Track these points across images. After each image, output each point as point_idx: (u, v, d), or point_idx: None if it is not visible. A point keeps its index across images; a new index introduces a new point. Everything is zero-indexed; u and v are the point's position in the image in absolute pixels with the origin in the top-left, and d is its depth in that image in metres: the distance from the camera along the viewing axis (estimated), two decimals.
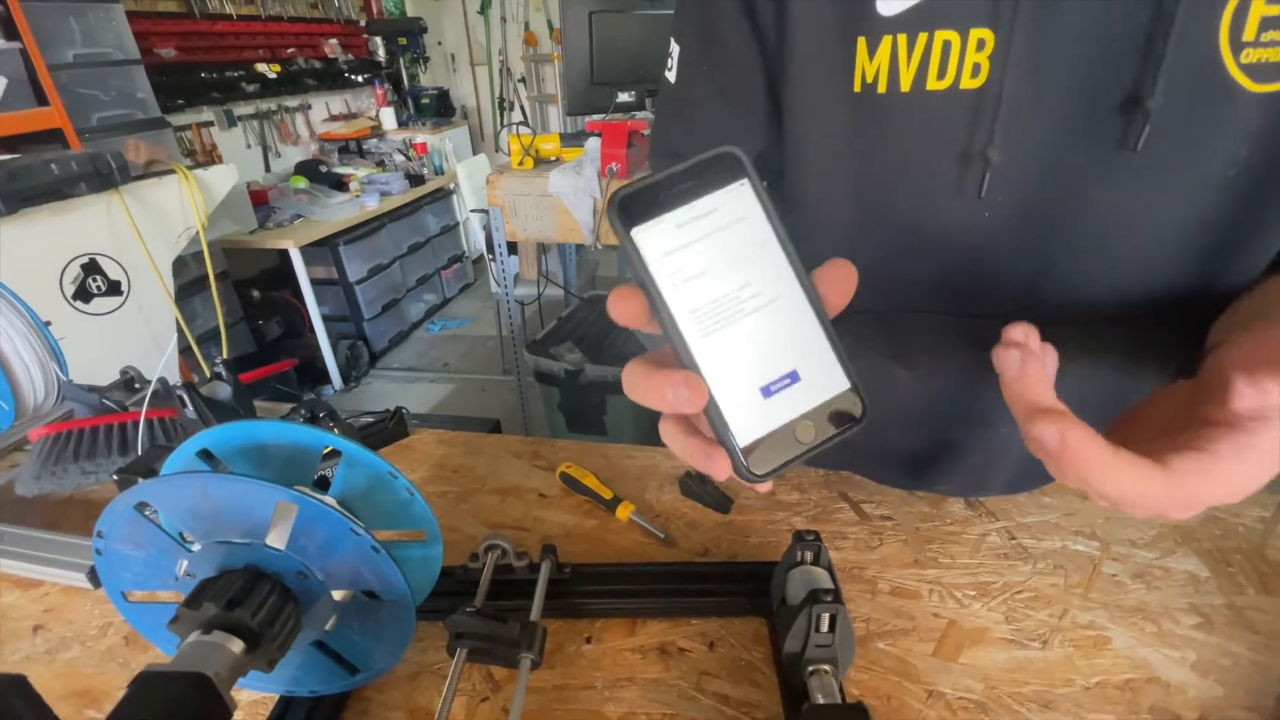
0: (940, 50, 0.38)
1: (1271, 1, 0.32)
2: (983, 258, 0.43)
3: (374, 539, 0.34)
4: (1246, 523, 0.55)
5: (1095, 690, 0.42)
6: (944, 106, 0.39)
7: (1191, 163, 0.37)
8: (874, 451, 0.59)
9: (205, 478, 0.33)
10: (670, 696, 0.42)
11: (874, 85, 0.41)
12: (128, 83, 1.99)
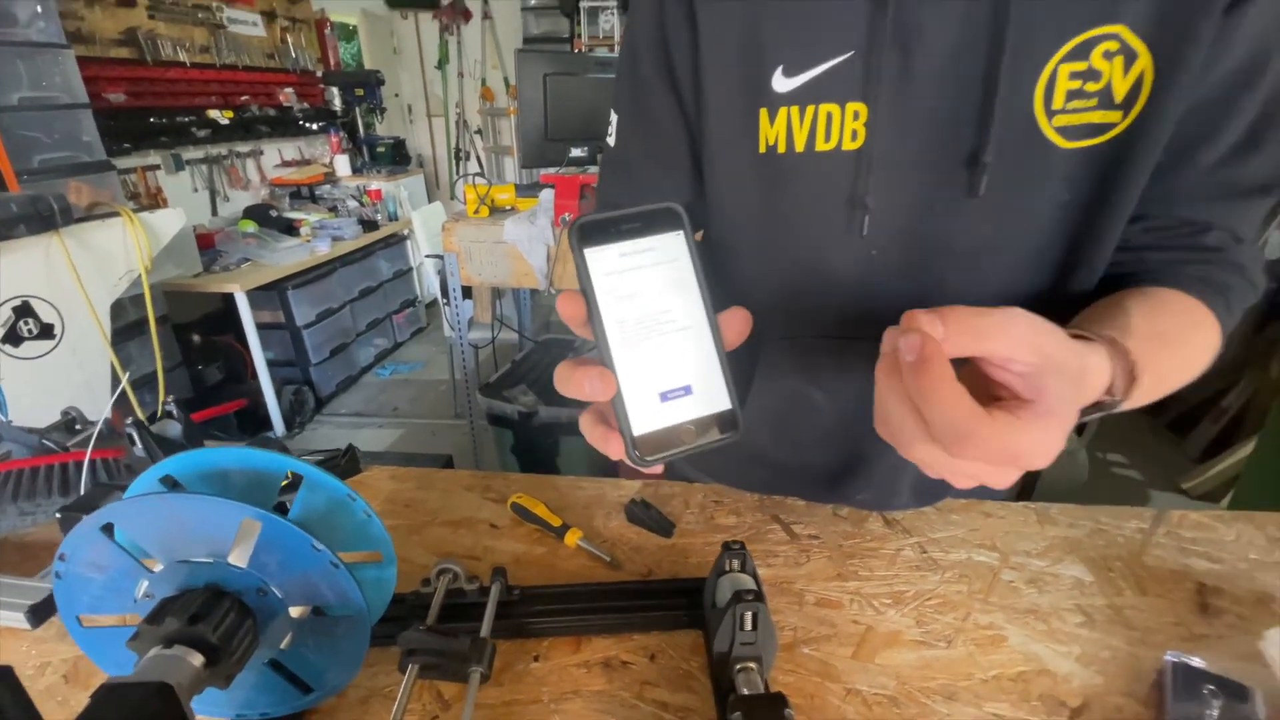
0: (825, 119, 0.47)
1: (1073, 77, 0.42)
2: (873, 288, 0.51)
3: (333, 554, 0.36)
4: (1126, 533, 0.62)
5: (992, 682, 0.47)
6: (831, 164, 0.48)
7: (1024, 205, 0.46)
8: (797, 468, 0.64)
9: (172, 497, 0.35)
10: (613, 706, 0.45)
11: (775, 147, 0.49)
12: (74, 126, 1.97)
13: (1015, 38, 0.42)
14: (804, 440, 0.61)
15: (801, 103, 0.47)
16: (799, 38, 0.47)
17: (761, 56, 0.48)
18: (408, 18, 4.54)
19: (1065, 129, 0.44)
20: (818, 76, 0.46)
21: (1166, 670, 0.46)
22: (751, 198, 0.53)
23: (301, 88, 3.43)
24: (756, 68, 0.48)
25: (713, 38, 0.50)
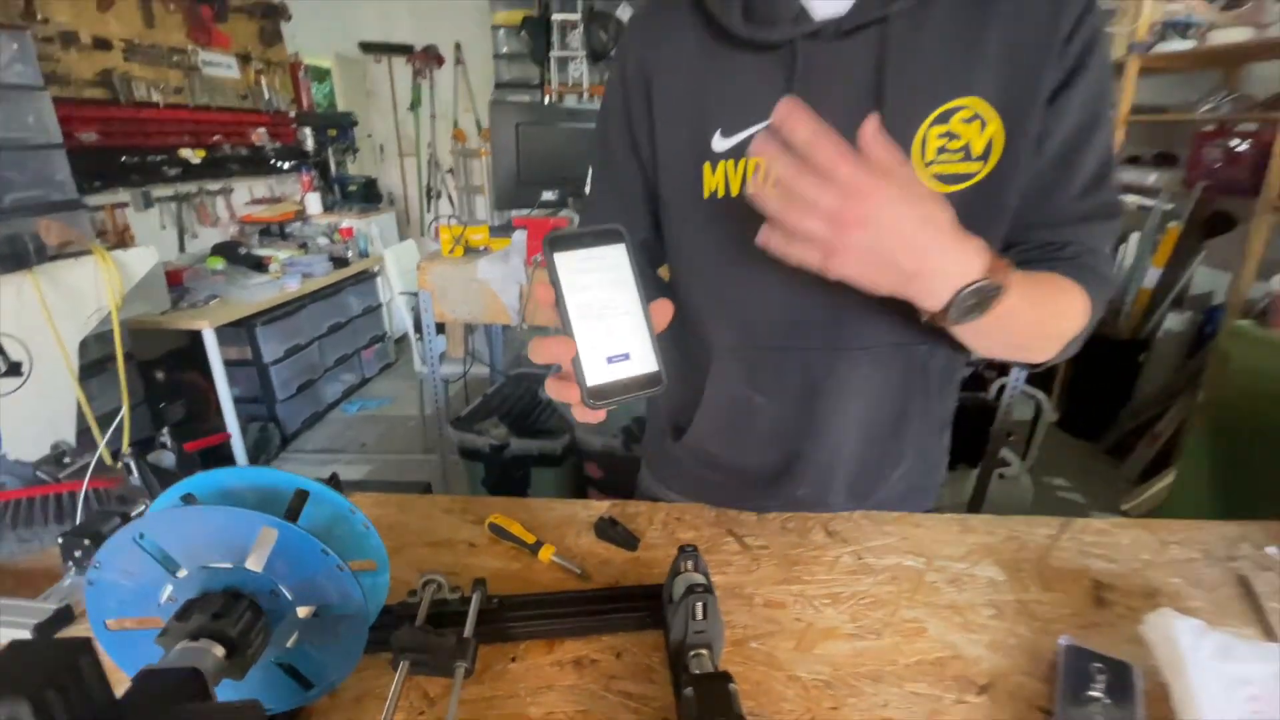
0: (753, 170, 0.58)
1: (940, 136, 0.54)
2: (799, 304, 0.61)
3: (339, 559, 0.42)
4: (1036, 539, 0.71)
5: (914, 666, 0.54)
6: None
7: None
8: (745, 470, 0.73)
9: (198, 509, 0.40)
10: (583, 697, 0.51)
11: (715, 193, 0.61)
12: (46, 165, 1.99)
13: (892, 108, 0.54)
14: (749, 443, 0.70)
15: (735, 158, 0.59)
16: (732, 109, 0.59)
17: (704, 123, 0.60)
18: (381, 61, 4.66)
19: (939, 176, 0.56)
20: (748, 134, 0.59)
21: (1060, 652, 0.53)
22: (699, 235, 0.64)
23: (274, 128, 3.48)
24: (700, 132, 0.60)
25: (665, 109, 0.63)
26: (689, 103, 0.61)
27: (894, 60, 0.55)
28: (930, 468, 0.77)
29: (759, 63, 0.59)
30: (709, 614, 0.47)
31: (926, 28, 0.54)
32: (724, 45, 0.59)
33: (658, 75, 0.63)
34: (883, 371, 0.64)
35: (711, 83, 0.60)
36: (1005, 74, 0.54)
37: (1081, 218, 0.59)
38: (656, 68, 0.63)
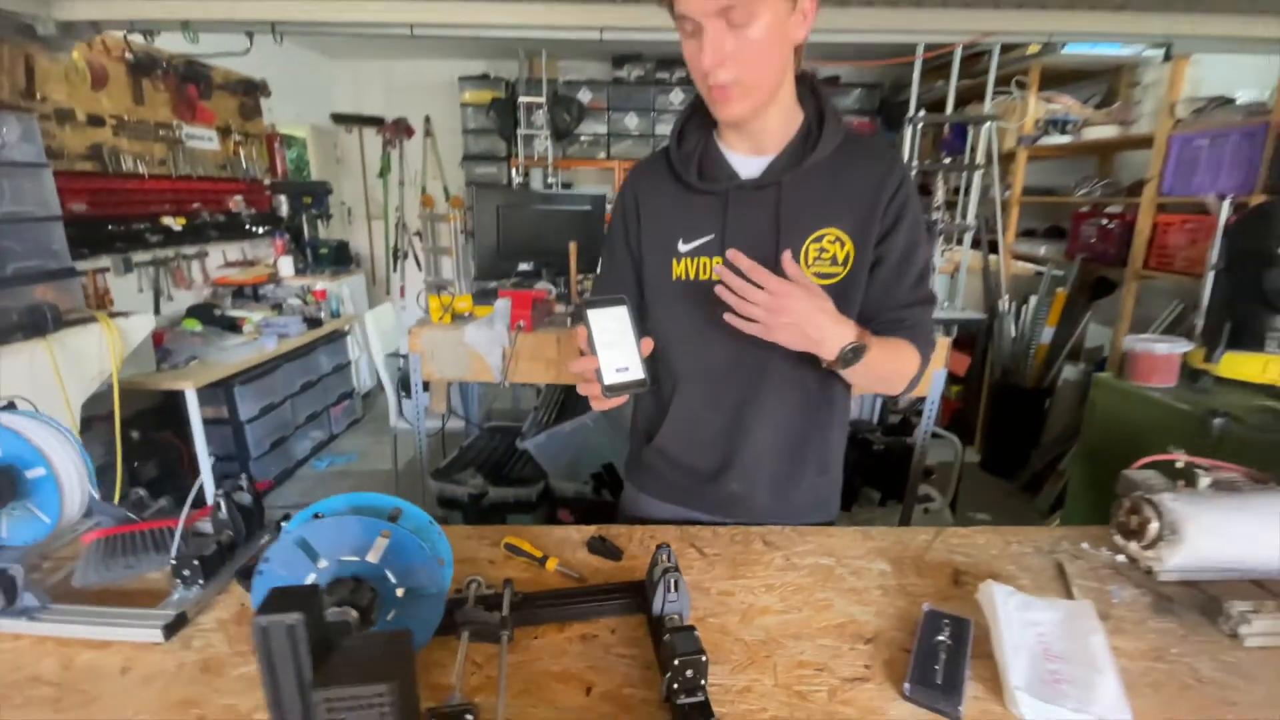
0: (703, 265, 0.90)
1: (816, 250, 0.85)
2: (738, 352, 0.91)
3: (435, 552, 0.62)
4: (917, 543, 0.95)
5: (823, 629, 0.76)
6: (708, 285, 0.85)
7: None
8: (695, 469, 1.00)
9: (339, 519, 0.60)
10: (589, 658, 0.71)
11: (680, 278, 0.91)
12: (45, 236, 2.12)
13: (784, 233, 0.86)
14: (698, 447, 0.99)
15: (692, 256, 0.91)
16: (690, 227, 0.91)
17: (673, 235, 0.92)
18: (352, 131, 4.90)
19: (816, 274, 0.87)
20: (699, 244, 0.91)
21: (923, 614, 0.76)
22: (670, 303, 0.95)
23: (249, 195, 3.65)
24: (671, 239, 0.93)
25: (649, 225, 0.95)
26: (664, 222, 0.94)
27: (785, 204, 0.86)
28: (829, 485, 1.05)
29: (706, 201, 0.90)
30: (679, 589, 0.68)
31: (804, 187, 0.87)
32: (685, 190, 0.91)
33: (645, 204, 0.95)
34: (790, 400, 0.93)
35: (678, 211, 0.93)
36: (853, 218, 0.86)
37: (910, 304, 0.91)
38: (644, 199, 0.95)
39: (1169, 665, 0.71)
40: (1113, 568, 0.89)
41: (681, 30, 0.78)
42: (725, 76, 0.77)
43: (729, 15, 0.73)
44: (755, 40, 0.75)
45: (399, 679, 0.46)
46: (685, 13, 0.75)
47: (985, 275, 3.20)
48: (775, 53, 0.78)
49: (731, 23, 0.73)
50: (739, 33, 0.74)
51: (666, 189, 0.93)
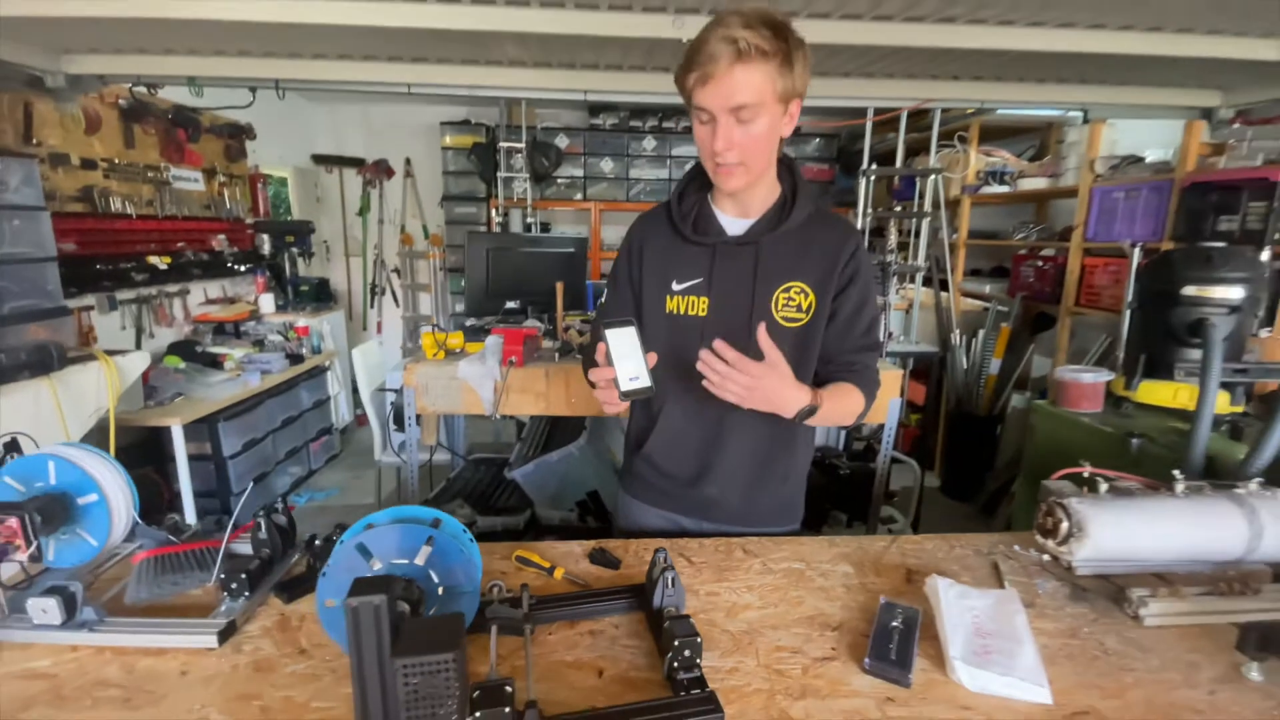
0: (692, 302, 1.06)
1: (785, 298, 1.04)
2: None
3: (474, 551, 0.73)
4: (876, 549, 1.09)
5: (796, 620, 0.89)
6: (695, 320, 1.05)
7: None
8: (678, 475, 1.16)
9: (392, 528, 0.71)
10: (597, 648, 0.82)
11: (673, 312, 1.07)
12: (40, 276, 2.17)
13: (761, 282, 1.03)
14: (681, 456, 1.15)
15: (684, 294, 1.10)
16: (682, 269, 1.08)
17: (668, 276, 1.09)
18: (332, 171, 5.01)
19: (785, 318, 1.04)
20: (690, 285, 1.07)
21: (880, 606, 0.90)
22: (662, 334, 1.10)
23: (232, 234, 3.71)
24: (665, 279, 1.10)
25: (649, 266, 1.12)
26: (661, 265, 1.12)
27: (762, 259, 1.04)
28: (793, 494, 1.22)
29: (698, 251, 1.08)
30: (675, 585, 0.81)
31: (778, 247, 1.04)
32: (682, 240, 1.10)
33: (647, 248, 1.14)
34: (761, 419, 1.07)
35: (674, 256, 1.11)
36: (816, 275, 1.05)
37: (860, 350, 1.09)
38: (647, 245, 1.14)
39: (1081, 641, 0.86)
40: (1039, 565, 1.05)
41: (697, 118, 0.97)
42: (731, 159, 0.96)
43: (739, 113, 0.92)
44: (756, 134, 0.94)
45: (457, 650, 0.58)
46: (705, 106, 0.93)
47: (938, 311, 3.45)
48: (769, 144, 0.98)
49: (739, 119, 0.93)
50: (744, 127, 0.94)
51: (666, 238, 1.12)
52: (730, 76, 0.89)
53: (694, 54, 0.92)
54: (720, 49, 0.89)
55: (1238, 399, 1.75)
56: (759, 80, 0.90)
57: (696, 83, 0.92)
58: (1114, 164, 2.60)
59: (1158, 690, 0.77)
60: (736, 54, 0.88)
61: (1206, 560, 0.95)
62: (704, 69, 0.90)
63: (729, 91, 0.90)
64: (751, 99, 0.91)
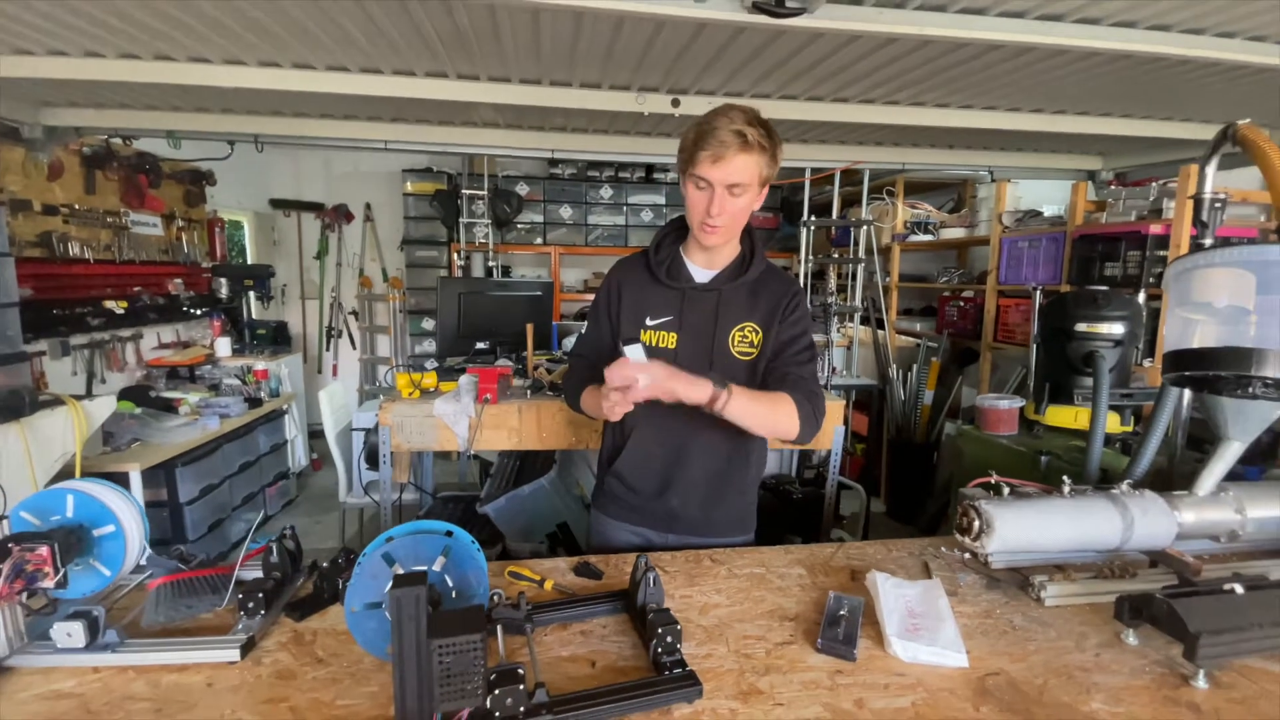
0: (663, 336, 1.23)
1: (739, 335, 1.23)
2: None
3: (482, 559, 0.85)
4: (825, 554, 1.25)
5: (759, 614, 1.02)
6: (665, 352, 1.22)
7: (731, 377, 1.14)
8: (645, 490, 1.30)
9: (414, 538, 0.82)
10: (589, 645, 0.94)
11: (649, 343, 1.24)
12: (2, 322, 2.16)
13: (720, 323, 1.21)
14: (647, 472, 1.30)
15: (656, 329, 1.28)
16: (655, 308, 1.26)
17: (644, 311, 1.27)
18: (290, 216, 5.04)
19: (740, 353, 1.23)
20: (661, 321, 1.25)
21: (829, 599, 1.05)
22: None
23: (189, 278, 3.70)
24: (640, 316, 1.27)
25: (627, 305, 1.28)
26: (637, 304, 1.30)
27: (723, 304, 1.23)
28: (747, 507, 1.38)
29: (670, 293, 1.27)
30: (656, 584, 0.94)
31: (736, 295, 1.24)
32: (656, 283, 1.28)
33: (625, 290, 1.30)
34: (718, 439, 1.26)
35: (648, 297, 1.29)
36: (764, 318, 1.24)
37: (794, 364, 1.25)
38: (625, 286, 1.32)
39: (994, 620, 1.03)
40: (961, 562, 1.22)
41: (694, 184, 1.16)
42: (719, 222, 1.16)
43: (732, 189, 1.13)
44: (740, 207, 1.17)
45: (483, 632, 0.69)
46: (708, 178, 1.13)
47: (875, 348, 3.74)
48: (746, 215, 1.21)
49: (731, 193, 1.14)
50: (734, 199, 1.15)
51: (643, 280, 1.31)
52: (735, 160, 1.11)
53: (708, 136, 1.11)
54: (731, 139, 1.10)
55: (1126, 420, 2.02)
56: (753, 167, 1.13)
57: (707, 160, 1.12)
58: (1018, 217, 2.96)
59: (1054, 654, 0.94)
60: (744, 144, 1.10)
61: (1090, 549, 1.14)
62: (716, 151, 1.10)
63: (731, 172, 1.11)
64: (745, 180, 1.13)
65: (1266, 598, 0.97)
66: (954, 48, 1.73)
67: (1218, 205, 1.42)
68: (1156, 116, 2.45)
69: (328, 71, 1.84)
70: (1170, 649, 0.94)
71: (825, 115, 2.21)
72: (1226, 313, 1.16)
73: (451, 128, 2.30)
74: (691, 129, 1.16)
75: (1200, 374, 1.15)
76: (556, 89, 1.99)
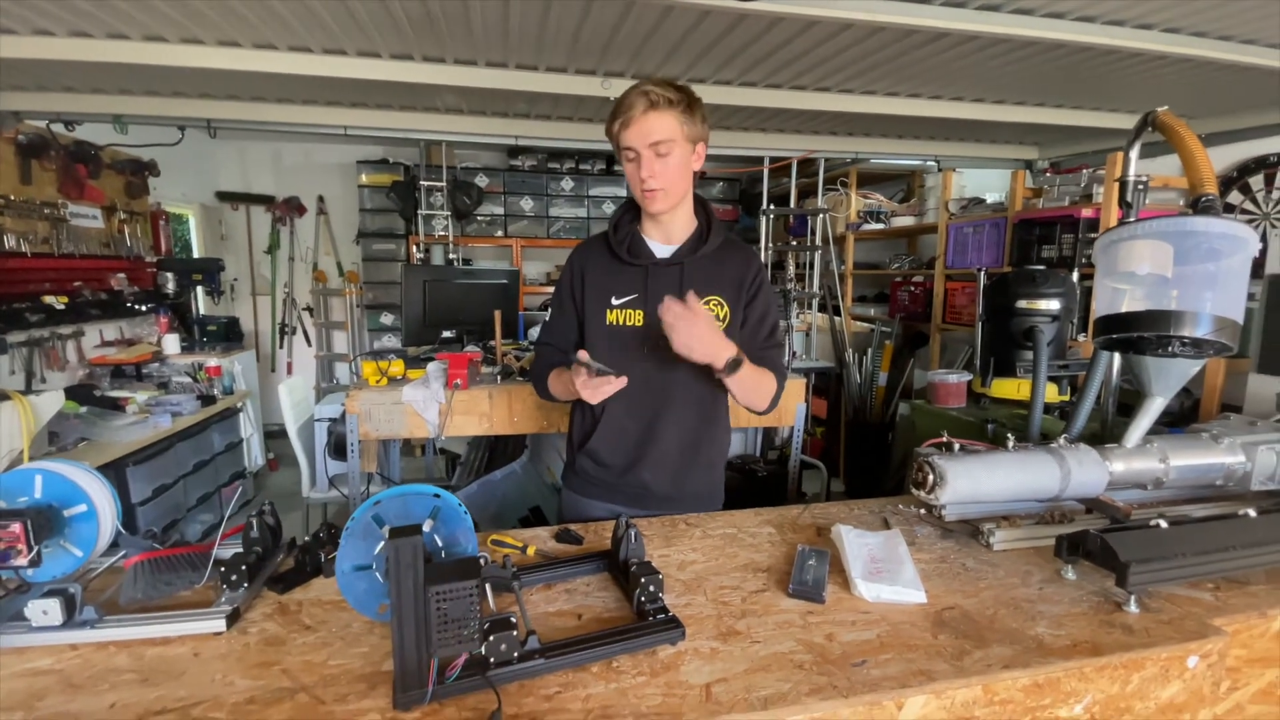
0: (630, 314, 1.27)
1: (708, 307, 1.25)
2: (650, 376, 1.26)
3: (469, 520, 0.88)
4: (792, 515, 1.31)
5: (733, 569, 1.08)
6: (633, 329, 1.27)
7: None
8: (619, 465, 1.34)
9: (406, 497, 0.85)
10: (574, 601, 0.97)
11: (614, 322, 1.27)
12: None
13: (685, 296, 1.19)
14: (620, 448, 1.34)
15: (622, 308, 1.30)
16: (619, 287, 1.29)
17: (609, 291, 1.29)
18: (238, 209, 4.87)
19: None
20: (626, 300, 1.28)
21: (798, 551, 1.11)
22: (603, 343, 1.30)
23: (132, 272, 3.55)
24: (606, 296, 1.28)
25: (591, 286, 1.30)
26: (603, 283, 1.31)
27: (687, 278, 1.27)
28: (715, 480, 1.44)
29: (633, 271, 1.29)
30: (637, 540, 0.98)
31: (698, 267, 1.28)
32: (619, 263, 1.30)
33: (589, 271, 1.32)
34: (688, 413, 1.30)
35: (612, 277, 1.30)
36: (729, 290, 1.29)
37: (766, 347, 1.32)
38: (588, 268, 1.34)
39: (948, 564, 1.11)
40: (918, 517, 1.31)
41: (625, 158, 1.23)
42: (654, 184, 1.22)
43: (657, 148, 1.19)
44: (672, 165, 1.22)
45: (479, 578, 0.73)
46: (630, 145, 1.20)
47: (832, 333, 3.87)
48: (684, 174, 1.25)
49: (658, 153, 1.20)
50: (663, 160, 1.20)
51: (605, 261, 1.33)
52: (646, 120, 1.17)
53: (616, 107, 1.20)
54: (636, 99, 1.17)
55: (1063, 390, 2.17)
56: (669, 122, 1.18)
57: (621, 127, 1.19)
58: (963, 204, 3.11)
59: (1002, 590, 1.03)
60: (649, 103, 1.17)
61: (1032, 498, 1.24)
62: (625, 115, 1.18)
63: (646, 131, 1.18)
64: (665, 135, 1.18)
65: (1188, 531, 1.08)
66: (903, 34, 1.83)
67: (1140, 187, 1.55)
68: (1087, 107, 2.62)
69: (290, 52, 1.80)
70: (1105, 581, 1.04)
71: (783, 102, 2.30)
72: (1149, 280, 1.27)
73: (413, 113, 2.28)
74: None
75: (1126, 336, 1.26)
76: (523, 73, 2.01)
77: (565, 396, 1.34)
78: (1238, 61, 1.92)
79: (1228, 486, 1.35)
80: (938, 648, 0.86)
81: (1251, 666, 1.00)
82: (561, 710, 0.73)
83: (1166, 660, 0.87)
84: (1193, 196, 1.32)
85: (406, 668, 0.72)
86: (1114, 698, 0.86)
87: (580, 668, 0.80)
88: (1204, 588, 1.05)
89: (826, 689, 0.77)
